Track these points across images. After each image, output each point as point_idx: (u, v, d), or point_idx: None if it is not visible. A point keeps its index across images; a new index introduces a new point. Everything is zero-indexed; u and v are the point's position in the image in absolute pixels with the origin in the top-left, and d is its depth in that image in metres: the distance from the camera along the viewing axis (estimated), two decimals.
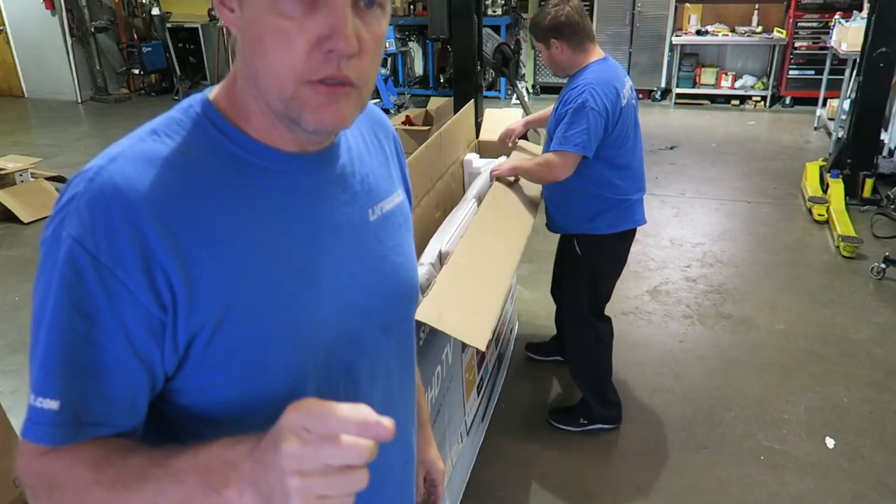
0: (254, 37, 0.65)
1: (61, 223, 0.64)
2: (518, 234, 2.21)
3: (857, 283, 3.74)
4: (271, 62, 0.64)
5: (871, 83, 4.70)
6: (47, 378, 0.63)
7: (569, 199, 2.40)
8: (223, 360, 0.68)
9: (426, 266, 1.87)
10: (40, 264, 0.65)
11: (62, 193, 0.66)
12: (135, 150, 0.67)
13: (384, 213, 0.83)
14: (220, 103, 0.72)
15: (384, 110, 8.33)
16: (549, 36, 2.32)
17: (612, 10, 8.01)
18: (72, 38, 8.75)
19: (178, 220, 0.65)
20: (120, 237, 0.63)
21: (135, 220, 0.63)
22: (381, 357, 0.82)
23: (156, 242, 0.63)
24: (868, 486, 2.33)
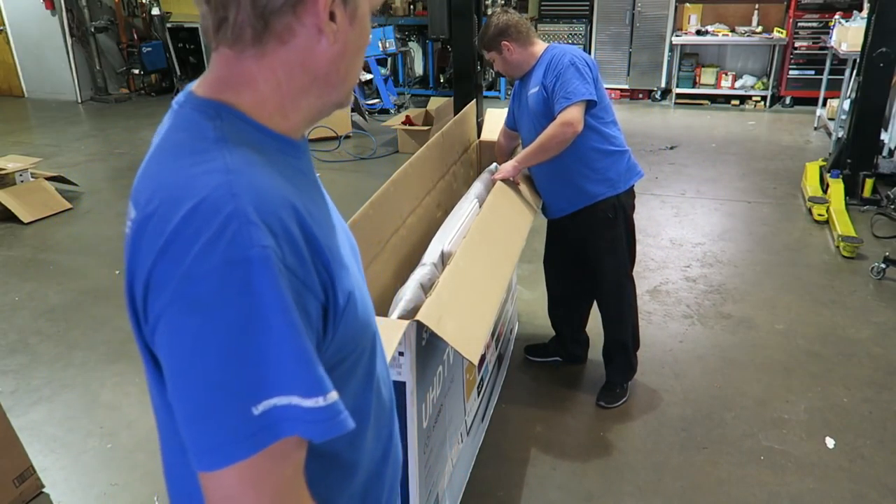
0: (360, 48, 0.76)
1: (235, 243, 0.61)
2: (515, 240, 2.22)
3: (857, 283, 3.74)
4: (359, 65, 0.78)
5: (871, 83, 4.70)
6: (317, 376, 0.65)
7: (581, 163, 2.49)
8: (351, 326, 0.75)
9: (428, 266, 1.87)
10: (207, 298, 0.61)
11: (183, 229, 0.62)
12: (237, 159, 0.67)
13: None
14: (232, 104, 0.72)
15: (384, 110, 8.29)
16: (497, 41, 2.50)
17: (612, 10, 8.02)
18: (72, 38, 8.75)
19: (308, 209, 0.70)
20: (298, 240, 0.66)
21: (299, 220, 0.67)
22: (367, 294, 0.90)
23: (312, 234, 0.68)
24: (868, 486, 2.33)
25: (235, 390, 0.62)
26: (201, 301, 0.61)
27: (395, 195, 2.08)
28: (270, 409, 0.62)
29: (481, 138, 3.07)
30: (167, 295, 0.62)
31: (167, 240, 0.63)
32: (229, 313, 0.61)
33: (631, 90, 8.34)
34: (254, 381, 0.62)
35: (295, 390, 0.63)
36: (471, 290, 1.76)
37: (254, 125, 0.72)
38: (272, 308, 0.62)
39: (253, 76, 0.72)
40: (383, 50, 7.61)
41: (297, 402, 0.63)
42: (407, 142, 6.34)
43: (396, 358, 1.56)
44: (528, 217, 2.45)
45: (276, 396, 0.62)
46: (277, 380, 0.62)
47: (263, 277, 0.61)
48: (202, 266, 0.61)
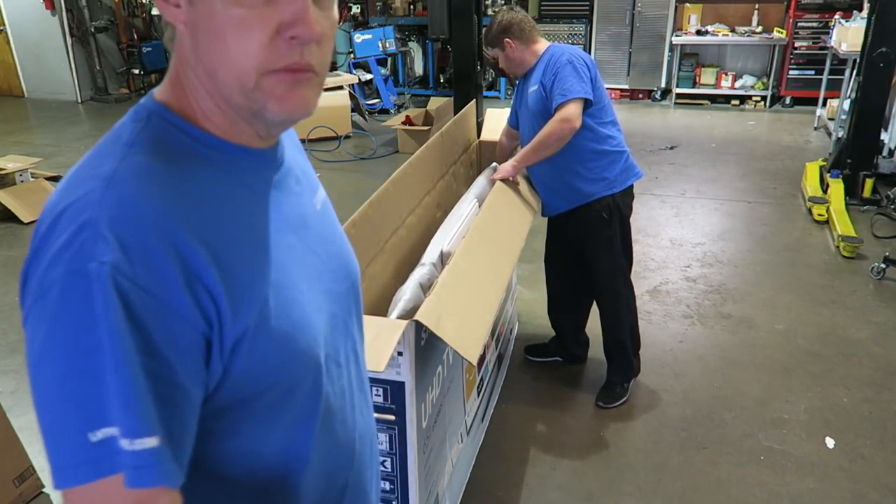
0: (210, 30, 0.63)
1: (79, 254, 0.57)
2: (515, 239, 2.22)
3: (857, 283, 3.74)
4: (232, 55, 0.63)
5: (871, 83, 4.70)
6: (137, 417, 0.58)
7: (577, 162, 2.52)
8: (263, 357, 0.67)
9: (427, 266, 1.87)
10: (53, 307, 0.58)
11: (49, 233, 0.60)
12: (127, 166, 0.62)
13: (322, 203, 0.86)
14: (173, 107, 0.69)
15: (384, 110, 8.29)
16: (500, 38, 2.56)
17: (612, 10, 8.02)
18: (72, 38, 8.75)
19: (205, 229, 0.63)
20: (158, 257, 0.59)
21: (169, 236, 0.60)
22: (350, 339, 0.86)
23: (193, 257, 0.61)
24: (868, 486, 2.33)
25: (75, 410, 0.57)
26: (48, 309, 0.58)
27: (394, 195, 2.08)
28: (108, 438, 0.56)
29: (481, 138, 3.07)
30: (29, 297, 0.61)
31: (37, 241, 0.61)
32: (68, 326, 0.57)
33: (631, 90, 8.33)
34: (91, 403, 0.57)
35: (117, 423, 0.57)
36: (470, 290, 1.76)
37: (187, 130, 0.68)
38: (104, 329, 0.57)
39: (178, 77, 0.69)
40: (383, 50, 7.61)
41: (118, 436, 0.57)
42: (407, 142, 6.34)
43: (395, 358, 1.56)
44: (527, 217, 2.45)
45: (111, 426, 0.57)
46: (110, 408, 0.57)
47: (99, 294, 0.57)
48: (52, 273, 0.58)
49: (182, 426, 0.62)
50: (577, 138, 2.43)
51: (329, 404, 0.78)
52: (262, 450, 0.72)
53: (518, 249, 2.20)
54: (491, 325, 1.76)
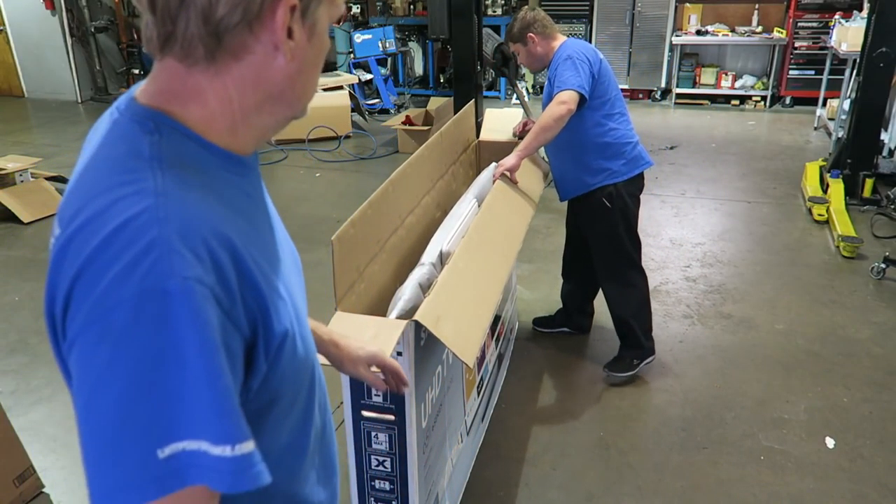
0: (317, 63, 0.74)
1: (153, 272, 0.57)
2: (513, 240, 2.22)
3: (857, 283, 3.74)
4: (316, 79, 0.76)
5: (871, 83, 4.70)
6: (231, 422, 0.60)
7: (582, 154, 2.68)
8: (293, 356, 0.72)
9: (427, 266, 1.87)
10: (120, 328, 0.57)
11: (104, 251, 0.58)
12: (170, 181, 0.63)
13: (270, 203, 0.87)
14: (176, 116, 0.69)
15: (384, 110, 8.29)
16: (524, 33, 2.70)
17: (612, 10, 8.02)
18: (72, 38, 8.75)
19: (243, 237, 0.65)
20: (227, 270, 0.62)
21: (231, 249, 0.63)
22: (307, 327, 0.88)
23: (247, 270, 0.64)
24: (868, 486, 2.33)
25: (141, 429, 0.57)
26: (113, 330, 0.57)
27: (394, 195, 2.08)
28: (178, 453, 0.57)
29: (481, 138, 3.06)
30: (81, 318, 0.59)
31: (86, 260, 0.59)
32: (141, 346, 0.57)
33: (631, 90, 8.33)
34: (161, 421, 0.57)
35: (205, 436, 0.58)
36: (469, 290, 1.76)
37: (197, 140, 0.68)
38: (190, 344, 0.57)
39: (202, 91, 0.68)
40: (383, 50, 7.61)
41: (206, 448, 0.58)
42: (407, 142, 6.34)
43: (395, 358, 1.56)
44: (525, 217, 2.45)
45: (185, 440, 0.57)
46: (188, 423, 0.58)
47: (183, 311, 0.57)
48: (117, 293, 0.57)
49: None
50: (582, 131, 2.60)
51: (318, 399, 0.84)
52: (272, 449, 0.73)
53: (516, 250, 2.20)
54: (488, 326, 1.76)
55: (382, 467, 1.73)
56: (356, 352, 1.17)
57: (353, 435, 1.70)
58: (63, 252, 0.61)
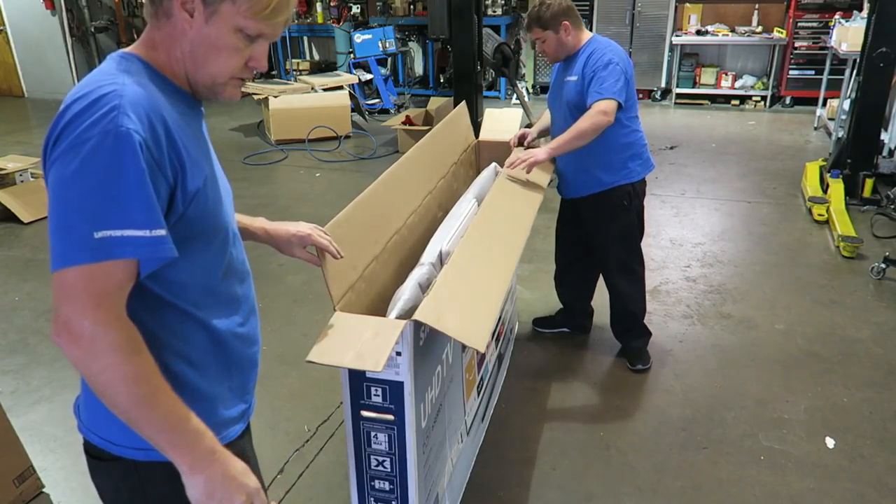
0: (211, 45, 1.03)
1: (113, 122, 0.91)
2: (518, 234, 2.21)
3: (857, 283, 3.74)
4: (219, 65, 1.05)
5: (871, 83, 4.70)
6: (154, 216, 0.93)
7: (605, 153, 2.69)
8: (203, 210, 1.05)
9: (426, 266, 1.87)
10: (88, 151, 0.89)
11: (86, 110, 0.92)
12: (130, 80, 0.98)
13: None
14: (148, 59, 1.05)
15: (384, 110, 8.27)
16: (559, 20, 2.63)
17: (612, 10, 8.02)
18: (72, 38, 8.75)
19: (173, 122, 1.00)
20: (159, 134, 0.96)
21: (160, 119, 0.97)
22: (239, 239, 1.23)
23: (170, 135, 0.98)
24: (868, 486, 2.33)
25: (87, 216, 0.89)
26: (83, 151, 0.90)
27: (394, 195, 2.08)
28: (107, 237, 0.89)
29: (480, 138, 3.06)
30: (62, 147, 0.91)
31: (72, 115, 0.92)
32: (99, 162, 0.89)
33: None
34: (101, 214, 0.89)
35: (131, 225, 0.91)
36: (471, 284, 1.75)
37: (153, 70, 1.04)
38: (129, 166, 0.91)
39: (155, 40, 1.05)
40: (383, 50, 7.61)
41: (131, 233, 0.90)
42: (407, 142, 6.34)
43: (394, 358, 1.56)
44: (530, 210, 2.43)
45: (113, 229, 0.90)
46: (119, 218, 0.90)
47: (127, 146, 0.91)
48: (90, 132, 0.90)
49: None
50: (608, 131, 2.59)
51: (232, 259, 1.17)
52: (192, 272, 1.07)
53: (523, 237, 2.17)
54: (500, 311, 1.75)
55: (382, 467, 1.73)
56: (286, 236, 1.43)
57: (352, 435, 1.70)
58: (62, 112, 0.95)
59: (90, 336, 0.91)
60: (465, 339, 1.52)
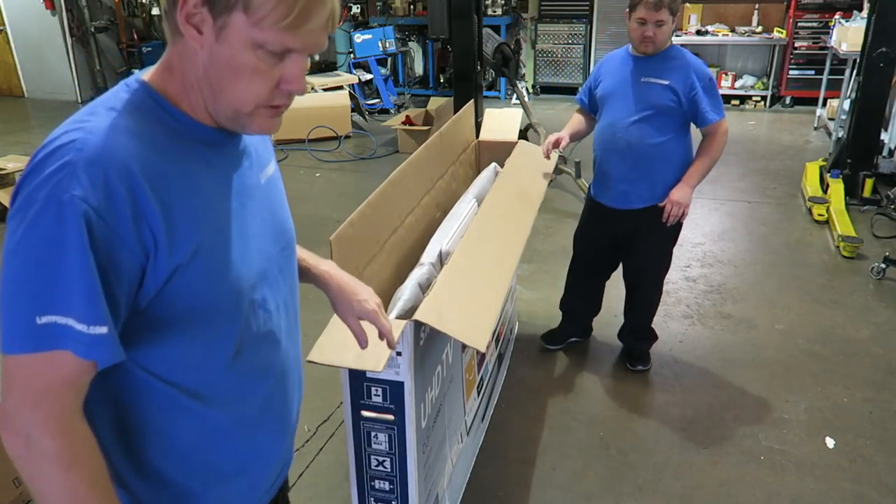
0: (229, 67, 0.82)
1: (59, 185, 0.75)
2: (518, 234, 2.21)
3: (857, 283, 3.74)
4: (242, 90, 0.84)
5: (871, 83, 4.70)
6: (94, 309, 0.77)
7: (676, 167, 2.61)
8: (191, 288, 0.86)
9: (426, 266, 1.87)
10: (32, 217, 0.76)
11: (42, 163, 0.78)
12: (106, 123, 0.80)
13: (268, 178, 1.03)
14: (157, 86, 0.87)
15: (384, 110, 8.27)
16: (678, 5, 2.48)
17: (612, 10, 8.02)
18: (72, 38, 8.75)
19: (156, 178, 0.81)
20: (116, 195, 0.77)
21: (126, 180, 0.78)
22: (280, 293, 1.03)
23: (143, 198, 0.79)
24: (868, 486, 2.33)
25: (29, 296, 0.76)
26: (27, 218, 0.76)
27: (393, 195, 2.08)
28: (51, 323, 0.76)
29: (480, 138, 3.06)
30: (14, 206, 0.79)
31: (31, 167, 0.79)
32: (41, 235, 0.76)
33: None
34: (43, 295, 0.76)
35: (73, 314, 0.76)
36: (472, 284, 1.75)
37: (163, 105, 0.86)
38: (70, 243, 0.75)
39: (172, 63, 0.87)
40: (383, 50, 7.61)
41: (73, 324, 0.76)
42: (407, 142, 6.34)
43: (394, 358, 1.56)
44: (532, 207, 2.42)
45: (57, 315, 0.76)
46: (61, 302, 0.76)
47: (70, 217, 0.75)
48: (37, 193, 0.77)
49: (117, 327, 0.81)
50: (676, 145, 2.57)
51: (247, 339, 0.96)
52: (186, 354, 0.90)
53: (524, 237, 2.17)
54: (500, 310, 1.75)
55: (382, 467, 1.73)
56: (351, 299, 1.19)
57: (352, 435, 1.70)
58: (30, 160, 0.82)
59: (26, 437, 0.79)
60: (465, 338, 1.52)
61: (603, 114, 2.67)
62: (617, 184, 2.66)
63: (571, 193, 5.13)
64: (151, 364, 0.88)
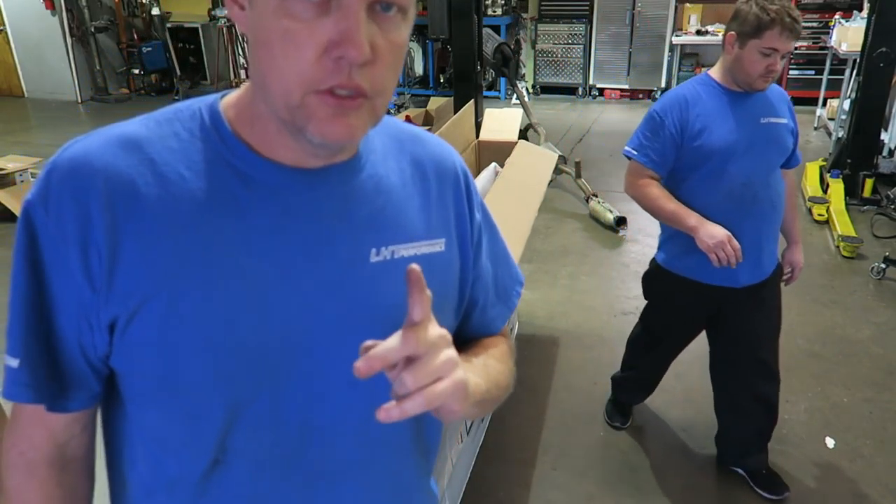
0: (261, 39, 0.61)
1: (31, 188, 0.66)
2: (518, 234, 2.21)
3: (857, 283, 3.74)
4: (279, 67, 0.60)
5: (871, 83, 4.70)
6: (10, 337, 0.66)
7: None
8: (137, 355, 0.66)
9: None
10: None
11: None
12: (118, 130, 0.67)
13: (397, 258, 0.72)
14: (226, 105, 0.70)
15: None
16: None
17: (612, 10, 8.02)
18: (72, 38, 8.75)
19: (124, 204, 0.64)
20: (66, 211, 0.63)
21: (83, 197, 0.63)
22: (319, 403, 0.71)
23: (97, 221, 0.63)
24: (868, 486, 2.33)
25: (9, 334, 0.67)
26: None
27: None
28: (6, 365, 0.66)
29: (480, 138, 3.06)
30: None
31: None
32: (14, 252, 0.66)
33: (631, 90, 8.34)
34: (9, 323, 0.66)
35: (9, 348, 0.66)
36: None
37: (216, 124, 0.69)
38: (18, 254, 0.65)
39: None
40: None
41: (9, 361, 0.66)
42: None
43: None
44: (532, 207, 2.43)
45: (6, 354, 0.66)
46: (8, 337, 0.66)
47: (21, 223, 0.65)
48: None
49: (51, 361, 0.67)
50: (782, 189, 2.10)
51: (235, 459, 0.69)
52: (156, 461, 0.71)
53: (522, 242, 2.17)
54: None
55: None
56: None
57: None
58: None
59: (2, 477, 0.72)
60: None
61: (716, 171, 1.98)
62: (753, 253, 2.05)
63: (571, 193, 5.13)
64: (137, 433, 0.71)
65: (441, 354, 0.59)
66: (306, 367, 0.68)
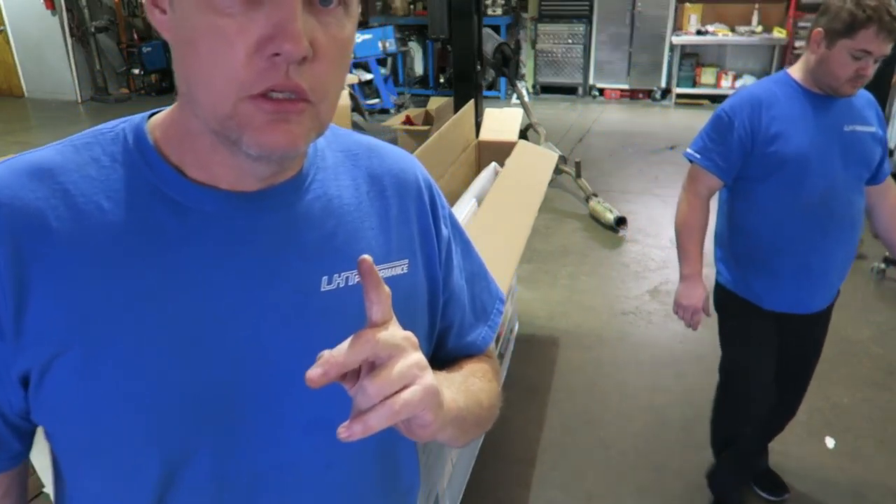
0: (185, 40, 0.53)
1: None
2: (518, 234, 2.21)
3: (857, 283, 3.73)
4: (207, 71, 0.53)
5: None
6: None
7: None
8: (56, 413, 0.59)
9: None
10: None
11: None
12: (27, 157, 0.59)
13: (352, 285, 0.65)
14: (154, 124, 0.64)
15: (384, 110, 8.24)
16: None
17: (612, 10, 8.02)
18: (72, 38, 8.75)
19: (31, 241, 0.56)
20: None
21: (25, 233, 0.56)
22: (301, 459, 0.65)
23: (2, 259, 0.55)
24: (868, 486, 2.33)
25: None
26: None
27: None
28: None
29: (480, 138, 3.06)
30: None
31: None
32: None
33: (631, 90, 8.34)
34: None
35: None
36: None
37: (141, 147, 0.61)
38: None
39: None
40: (383, 50, 7.62)
41: None
42: (407, 142, 6.34)
43: None
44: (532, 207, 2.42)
45: None
46: None
47: None
48: None
49: None
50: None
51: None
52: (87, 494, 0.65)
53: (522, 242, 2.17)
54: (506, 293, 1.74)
55: None
56: None
57: None
58: None
59: None
60: None
61: (789, 183, 1.78)
62: (829, 276, 1.92)
63: (571, 193, 5.13)
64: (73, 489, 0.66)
65: (407, 358, 0.51)
66: (253, 414, 0.62)
